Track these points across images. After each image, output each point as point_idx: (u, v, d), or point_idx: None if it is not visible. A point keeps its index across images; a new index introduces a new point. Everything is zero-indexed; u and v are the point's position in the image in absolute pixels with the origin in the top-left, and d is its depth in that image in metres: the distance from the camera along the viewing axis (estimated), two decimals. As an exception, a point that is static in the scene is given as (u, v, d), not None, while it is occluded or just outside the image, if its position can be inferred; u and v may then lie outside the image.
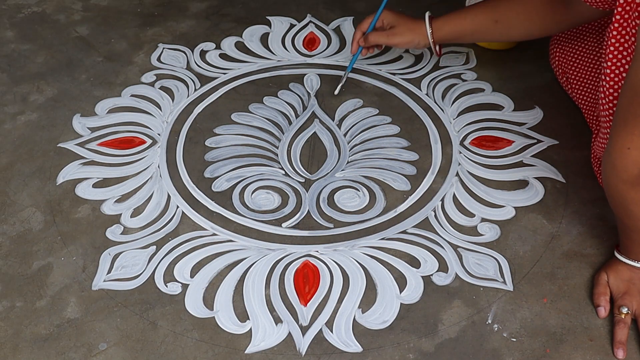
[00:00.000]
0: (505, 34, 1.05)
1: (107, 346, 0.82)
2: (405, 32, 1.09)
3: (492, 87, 1.17)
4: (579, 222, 0.95)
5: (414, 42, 1.09)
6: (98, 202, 0.99)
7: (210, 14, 1.38)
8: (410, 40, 1.09)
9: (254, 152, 1.07)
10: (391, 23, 1.10)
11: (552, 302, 0.85)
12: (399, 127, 1.10)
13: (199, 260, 0.91)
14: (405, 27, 1.09)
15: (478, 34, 1.07)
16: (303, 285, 0.88)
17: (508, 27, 1.02)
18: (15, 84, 1.21)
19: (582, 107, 1.07)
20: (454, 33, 1.07)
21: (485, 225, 0.95)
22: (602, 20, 1.05)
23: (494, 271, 0.89)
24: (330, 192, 1.00)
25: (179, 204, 0.99)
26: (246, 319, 0.84)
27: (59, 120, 1.13)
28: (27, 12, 1.40)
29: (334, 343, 0.82)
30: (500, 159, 1.05)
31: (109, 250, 0.93)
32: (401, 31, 1.09)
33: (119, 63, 1.26)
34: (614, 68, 0.80)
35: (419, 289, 0.87)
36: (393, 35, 1.09)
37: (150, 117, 1.14)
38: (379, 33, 1.10)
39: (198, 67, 1.24)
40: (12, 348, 0.82)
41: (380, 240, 0.93)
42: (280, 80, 1.21)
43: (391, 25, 1.10)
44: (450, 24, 1.06)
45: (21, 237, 0.95)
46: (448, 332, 0.83)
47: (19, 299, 0.87)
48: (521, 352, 0.80)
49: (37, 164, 1.06)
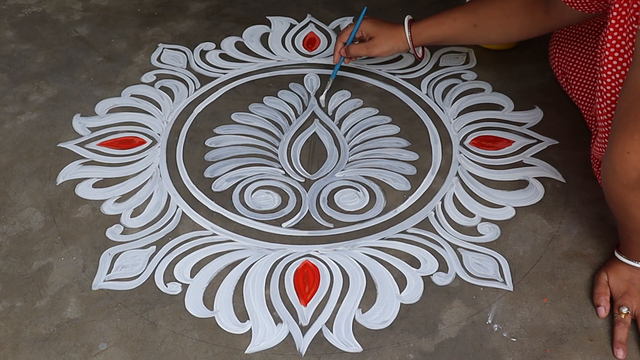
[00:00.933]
0: (484, 37, 1.07)
1: (107, 346, 0.82)
2: (383, 42, 1.09)
3: (492, 87, 1.17)
4: (579, 222, 0.95)
5: (394, 49, 1.10)
6: (98, 202, 0.99)
7: (210, 14, 1.38)
8: (390, 49, 1.10)
9: (254, 152, 1.07)
10: (370, 34, 1.10)
11: (552, 302, 0.85)
12: (399, 127, 1.10)
13: (199, 260, 0.91)
14: (383, 37, 1.09)
15: (457, 38, 1.07)
16: (303, 285, 0.88)
17: (487, 31, 1.04)
18: (15, 84, 1.21)
19: (582, 108, 1.07)
20: (433, 38, 1.08)
21: (485, 225, 0.95)
22: (602, 21, 1.05)
23: (494, 271, 0.89)
24: (330, 192, 1.00)
25: (179, 204, 0.99)
26: (246, 319, 0.84)
27: (59, 120, 1.13)
28: (27, 12, 1.40)
29: (334, 343, 0.82)
30: (500, 159, 1.05)
31: (109, 250, 0.93)
32: (379, 42, 1.09)
33: (119, 63, 1.26)
34: (610, 73, 0.80)
35: (419, 289, 0.87)
36: (372, 46, 1.10)
37: (150, 117, 1.14)
38: (359, 46, 1.11)
39: (198, 67, 1.24)
40: (12, 348, 0.82)
41: (380, 240, 0.93)
42: (280, 80, 1.21)
43: (370, 35, 1.10)
44: (429, 30, 1.07)
45: (21, 237, 0.95)
46: (448, 332, 0.83)
47: (19, 299, 0.87)
48: (521, 352, 0.80)
49: (37, 164, 1.06)
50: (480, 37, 1.06)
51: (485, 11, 1.02)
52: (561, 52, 1.10)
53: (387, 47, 1.10)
